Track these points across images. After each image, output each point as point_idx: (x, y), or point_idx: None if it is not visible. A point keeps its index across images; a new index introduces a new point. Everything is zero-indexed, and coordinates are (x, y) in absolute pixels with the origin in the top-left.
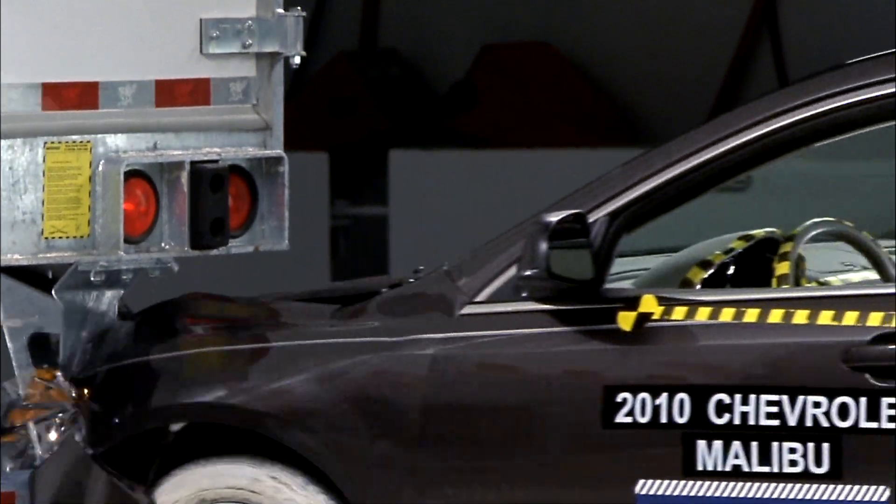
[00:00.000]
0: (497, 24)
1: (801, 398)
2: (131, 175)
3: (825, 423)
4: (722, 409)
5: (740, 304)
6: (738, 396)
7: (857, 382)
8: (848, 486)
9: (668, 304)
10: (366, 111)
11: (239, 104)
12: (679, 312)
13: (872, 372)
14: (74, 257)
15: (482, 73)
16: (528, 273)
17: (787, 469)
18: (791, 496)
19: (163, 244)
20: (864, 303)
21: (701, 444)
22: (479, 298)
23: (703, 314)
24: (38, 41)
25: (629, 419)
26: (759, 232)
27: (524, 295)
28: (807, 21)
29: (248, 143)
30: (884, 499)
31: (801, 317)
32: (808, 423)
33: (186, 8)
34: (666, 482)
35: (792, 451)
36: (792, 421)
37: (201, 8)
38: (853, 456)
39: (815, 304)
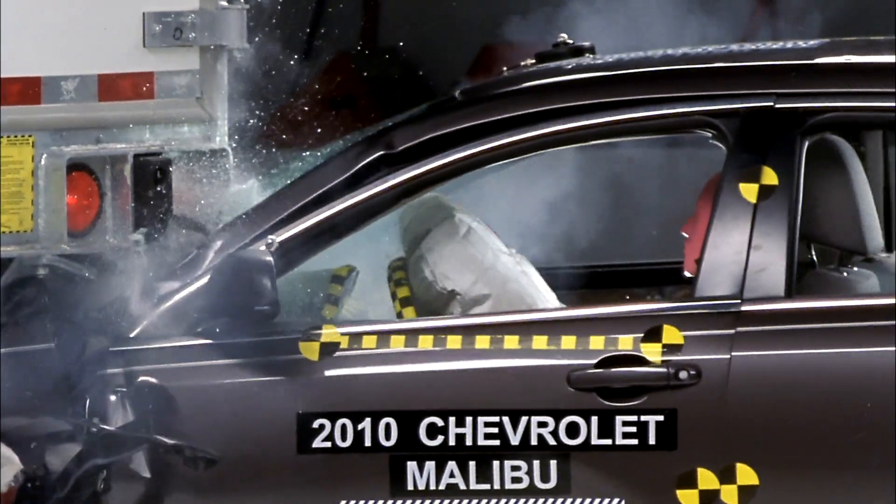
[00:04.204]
0: (497, 24)
1: (524, 419)
2: (74, 168)
3: (552, 442)
4: (435, 431)
5: (439, 332)
6: (451, 419)
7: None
8: (578, 500)
9: (352, 332)
10: (366, 111)
11: (183, 97)
12: (370, 341)
13: (599, 393)
14: (18, 252)
15: (482, 73)
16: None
17: (511, 486)
18: None
19: (107, 237)
20: (582, 327)
21: (411, 465)
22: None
23: (397, 342)
24: None
25: (328, 444)
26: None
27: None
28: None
29: (193, 135)
30: None
31: (511, 342)
32: (534, 441)
33: (129, 2)
34: (371, 501)
35: (515, 468)
36: (515, 440)
37: (144, 2)
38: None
39: (526, 329)
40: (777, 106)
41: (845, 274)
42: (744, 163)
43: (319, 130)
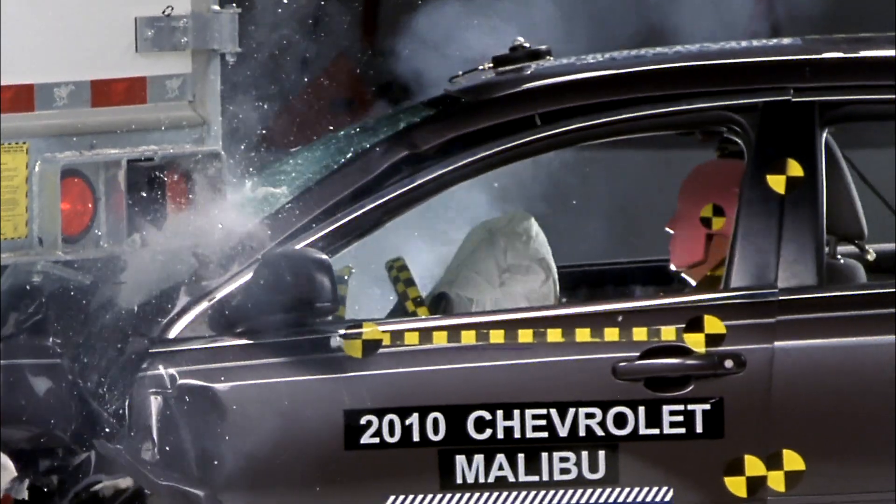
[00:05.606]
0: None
1: (571, 411)
2: (68, 174)
3: (600, 433)
4: (483, 425)
5: (481, 327)
6: (499, 412)
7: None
8: (626, 490)
9: (393, 330)
10: (366, 112)
11: (175, 101)
12: (412, 337)
13: (646, 383)
14: (12, 258)
15: None
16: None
17: (559, 477)
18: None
19: (101, 243)
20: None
21: (460, 459)
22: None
23: (440, 338)
24: None
25: (376, 440)
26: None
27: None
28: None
29: (186, 139)
30: (667, 499)
31: (554, 335)
32: (582, 433)
33: (120, 6)
34: (420, 496)
35: (564, 459)
36: (563, 432)
37: (135, 6)
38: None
39: (567, 322)
40: (794, 100)
41: (841, 260)
42: (768, 155)
43: (314, 132)
